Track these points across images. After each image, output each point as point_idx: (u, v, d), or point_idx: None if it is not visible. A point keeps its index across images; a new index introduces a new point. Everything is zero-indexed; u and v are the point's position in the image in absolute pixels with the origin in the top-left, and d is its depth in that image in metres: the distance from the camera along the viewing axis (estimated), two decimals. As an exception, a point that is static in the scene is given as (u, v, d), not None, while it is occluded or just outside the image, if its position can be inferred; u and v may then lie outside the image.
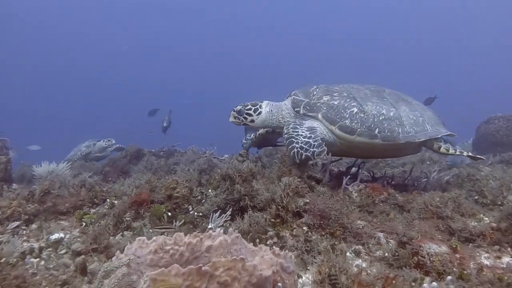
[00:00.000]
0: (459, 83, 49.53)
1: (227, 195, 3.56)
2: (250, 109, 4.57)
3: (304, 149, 3.98)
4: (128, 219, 3.52)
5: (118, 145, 9.83)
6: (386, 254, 2.92)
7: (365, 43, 55.70)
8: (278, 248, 2.02)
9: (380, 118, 4.16)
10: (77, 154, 9.55)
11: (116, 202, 3.93)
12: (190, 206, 3.80)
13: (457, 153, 4.39)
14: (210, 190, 4.03)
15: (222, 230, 2.02)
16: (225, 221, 3.34)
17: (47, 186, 3.85)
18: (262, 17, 58.58)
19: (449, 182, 4.78)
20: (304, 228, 3.22)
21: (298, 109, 4.42)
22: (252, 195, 3.45)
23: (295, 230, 3.17)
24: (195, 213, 3.66)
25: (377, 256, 2.97)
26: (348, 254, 2.99)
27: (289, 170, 3.89)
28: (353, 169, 4.79)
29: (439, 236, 3.13)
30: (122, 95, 53.04)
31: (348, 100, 4.31)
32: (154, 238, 1.90)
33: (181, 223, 3.27)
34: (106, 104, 51.49)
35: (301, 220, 3.29)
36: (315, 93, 4.50)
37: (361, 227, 3.25)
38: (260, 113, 4.55)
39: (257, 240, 3.06)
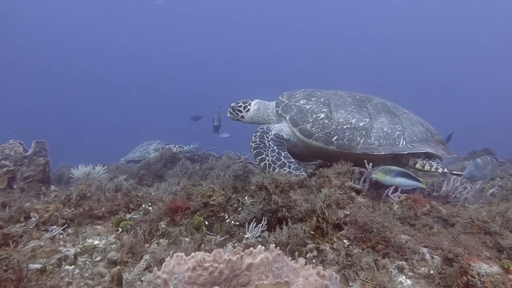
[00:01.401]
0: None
1: (264, 206, 3.48)
2: (240, 106, 5.09)
3: (278, 165, 4.22)
4: (163, 226, 3.48)
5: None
6: (432, 272, 2.77)
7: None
8: (321, 267, 1.91)
9: (344, 127, 4.24)
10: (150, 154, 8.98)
11: (151, 208, 3.90)
12: (226, 214, 3.73)
13: (432, 169, 4.18)
14: (246, 198, 3.97)
15: (263, 248, 1.93)
16: (262, 231, 3.27)
17: (84, 190, 3.85)
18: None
19: (494, 194, 4.57)
20: (344, 241, 3.11)
21: (278, 109, 4.79)
22: (290, 206, 3.35)
23: (335, 243, 3.06)
24: (232, 222, 3.60)
25: (422, 273, 2.82)
26: (391, 270, 2.86)
27: (328, 179, 3.78)
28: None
29: (487, 253, 2.95)
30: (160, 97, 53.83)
31: (321, 105, 4.48)
32: (192, 254, 1.82)
33: (217, 239, 3.17)
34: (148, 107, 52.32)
35: (341, 232, 3.18)
36: (297, 96, 4.76)
37: (404, 242, 3.11)
38: (248, 110, 5.04)
39: (296, 253, 2.97)
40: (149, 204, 4.05)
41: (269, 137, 4.51)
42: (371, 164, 3.99)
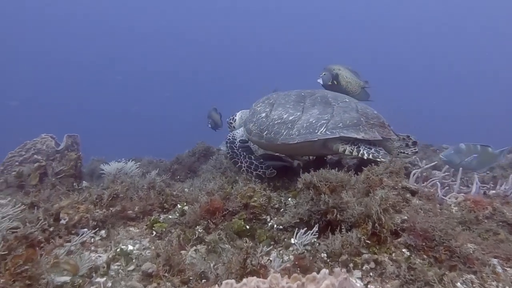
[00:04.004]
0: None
1: (312, 206, 3.16)
2: (230, 119, 5.50)
3: (253, 169, 4.60)
4: (200, 230, 3.22)
5: None
6: (506, 288, 2.42)
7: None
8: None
9: (276, 122, 4.41)
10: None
11: (187, 208, 3.64)
12: (268, 217, 3.44)
13: (359, 155, 4.03)
14: (289, 199, 3.67)
15: (327, 271, 1.62)
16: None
17: (116, 190, 3.63)
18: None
19: None
20: (403, 250, 2.77)
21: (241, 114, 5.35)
22: (342, 208, 3.03)
23: (393, 253, 2.74)
24: (275, 225, 3.31)
25: (495, 290, 2.48)
26: (458, 284, 2.52)
27: (379, 180, 3.44)
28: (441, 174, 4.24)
29: None
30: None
31: (266, 106, 4.72)
32: (244, 281, 1.54)
33: (264, 250, 2.88)
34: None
35: (398, 240, 2.84)
36: (260, 100, 5.01)
37: (471, 251, 2.75)
38: (234, 120, 5.39)
39: (351, 265, 2.66)
40: (185, 203, 3.79)
41: (237, 145, 4.92)
42: (424, 161, 3.68)
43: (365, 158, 3.97)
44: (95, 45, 51.43)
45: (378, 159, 3.92)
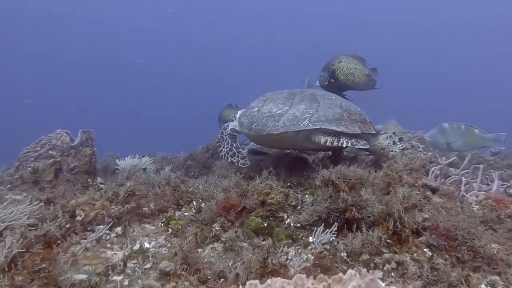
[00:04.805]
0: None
1: (330, 204, 3.10)
2: (232, 115, 5.60)
3: (230, 155, 5.00)
4: (217, 228, 3.18)
5: None
6: (533, 290, 2.34)
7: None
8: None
9: (265, 115, 4.61)
10: None
11: (203, 205, 3.60)
12: (285, 214, 3.39)
13: (339, 144, 4.13)
14: (307, 196, 3.61)
15: (353, 272, 1.57)
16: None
17: (132, 187, 3.60)
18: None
19: None
20: (425, 249, 2.71)
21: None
22: (361, 205, 2.97)
23: (415, 253, 2.67)
24: (292, 223, 3.26)
25: (520, 291, 2.41)
26: (482, 286, 2.45)
27: (399, 176, 3.36)
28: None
29: None
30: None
31: (260, 102, 4.98)
32: (269, 282, 1.49)
33: (284, 250, 2.83)
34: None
35: (419, 239, 2.78)
36: (260, 97, 5.21)
37: (495, 252, 2.67)
38: (236, 116, 5.44)
39: (372, 265, 2.61)
40: (200, 200, 3.76)
41: (227, 132, 5.24)
42: (443, 157, 3.60)
43: (344, 146, 4.11)
44: (95, 45, 51.93)
45: (357, 146, 4.11)
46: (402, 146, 4.50)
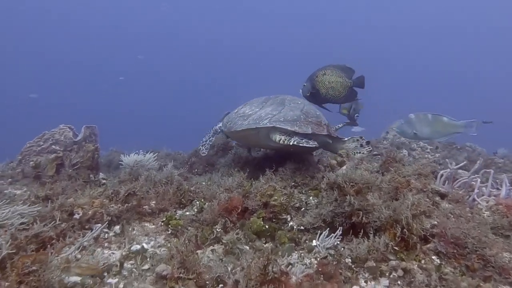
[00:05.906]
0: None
1: (335, 208, 3.00)
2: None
3: (201, 143, 5.84)
4: (219, 230, 3.09)
5: None
6: (546, 302, 2.23)
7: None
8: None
9: (239, 116, 4.96)
10: None
11: (205, 205, 3.51)
12: (288, 216, 3.29)
13: (289, 143, 4.29)
14: (311, 198, 3.51)
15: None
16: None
17: (133, 187, 3.51)
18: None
19: None
20: (433, 257, 2.60)
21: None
22: (368, 210, 2.87)
23: (423, 260, 2.57)
24: (295, 226, 3.16)
25: (533, 303, 2.30)
26: (493, 297, 2.35)
27: (406, 181, 3.26)
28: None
29: None
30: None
31: (241, 106, 5.32)
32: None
33: (286, 255, 2.74)
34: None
35: (427, 246, 2.67)
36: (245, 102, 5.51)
37: (507, 261, 2.57)
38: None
39: (378, 273, 2.50)
40: (203, 200, 3.67)
41: (214, 129, 5.89)
42: (453, 163, 3.49)
43: (291, 144, 4.23)
44: (95, 45, 52.14)
45: (301, 144, 4.19)
46: (369, 148, 4.76)
